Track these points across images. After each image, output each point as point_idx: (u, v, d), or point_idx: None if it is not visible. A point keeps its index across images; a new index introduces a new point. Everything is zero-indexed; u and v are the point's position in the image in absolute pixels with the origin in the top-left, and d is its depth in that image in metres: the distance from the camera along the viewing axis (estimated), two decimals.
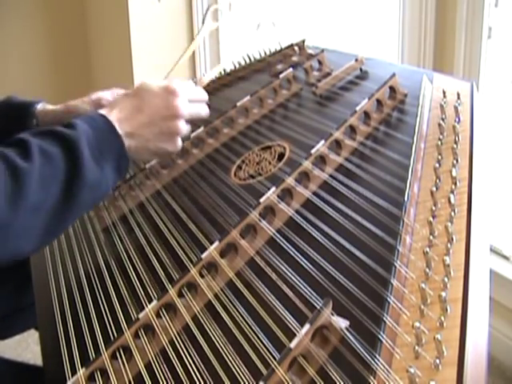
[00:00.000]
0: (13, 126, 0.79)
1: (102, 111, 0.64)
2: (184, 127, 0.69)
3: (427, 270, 0.50)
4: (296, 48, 1.08)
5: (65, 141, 0.58)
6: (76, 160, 0.57)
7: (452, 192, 0.58)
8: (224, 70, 1.17)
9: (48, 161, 0.56)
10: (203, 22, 0.95)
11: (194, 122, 0.79)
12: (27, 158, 0.55)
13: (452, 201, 0.56)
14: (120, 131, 0.63)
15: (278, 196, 0.64)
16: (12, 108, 0.81)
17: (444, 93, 0.77)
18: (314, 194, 0.66)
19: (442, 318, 0.45)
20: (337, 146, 0.71)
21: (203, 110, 0.75)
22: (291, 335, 0.47)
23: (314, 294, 0.52)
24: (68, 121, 0.62)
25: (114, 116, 0.64)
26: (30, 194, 0.54)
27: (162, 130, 0.67)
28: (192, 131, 0.87)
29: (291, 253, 0.58)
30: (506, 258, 1.32)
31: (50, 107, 0.81)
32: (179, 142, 0.70)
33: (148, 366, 0.52)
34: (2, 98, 0.84)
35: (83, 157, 0.58)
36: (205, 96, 0.76)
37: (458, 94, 0.75)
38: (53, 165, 0.56)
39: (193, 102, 0.72)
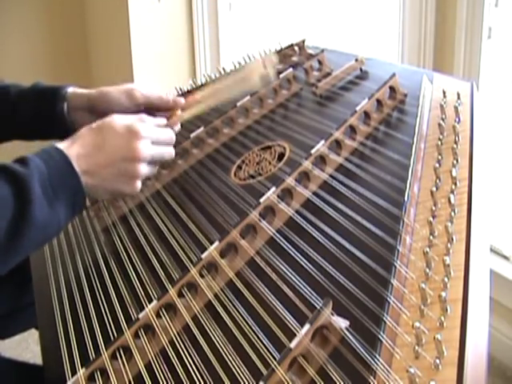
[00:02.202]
0: (41, 109, 0.78)
1: (61, 145, 0.62)
2: (144, 170, 0.66)
3: (427, 270, 0.50)
4: (296, 48, 1.08)
5: (15, 179, 0.56)
6: (25, 200, 0.55)
7: (452, 192, 0.58)
8: (224, 70, 1.17)
9: None
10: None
11: (192, 121, 0.77)
12: None
13: (452, 201, 0.56)
14: (77, 168, 0.60)
15: (278, 196, 0.64)
16: (42, 92, 0.80)
17: (444, 93, 0.77)
18: (314, 193, 0.66)
19: (442, 318, 0.45)
20: (337, 145, 0.71)
21: (167, 153, 0.70)
22: (291, 335, 0.47)
23: (314, 294, 0.52)
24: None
25: (73, 151, 0.61)
26: None
27: (121, 171, 0.64)
28: (192, 131, 0.87)
29: (291, 253, 0.58)
30: (506, 258, 1.32)
31: (81, 91, 0.80)
32: (138, 185, 0.66)
33: (148, 366, 0.52)
34: (27, 84, 0.83)
35: (33, 197, 0.55)
36: (171, 138, 0.71)
37: (458, 94, 0.75)
38: (0, 204, 0.54)
39: (157, 144, 0.68)
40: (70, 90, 0.79)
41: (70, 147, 0.62)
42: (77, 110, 0.78)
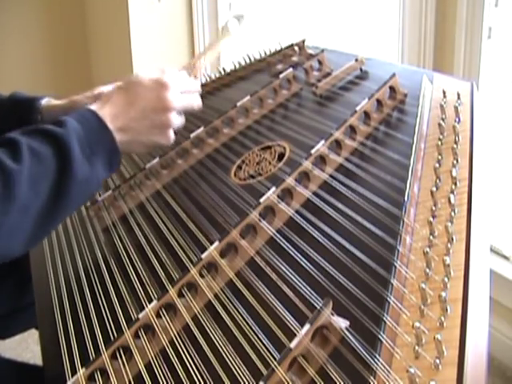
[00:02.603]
0: (18, 122, 0.79)
1: (93, 106, 0.64)
2: (176, 120, 0.69)
3: (427, 269, 0.50)
4: (296, 48, 1.08)
5: (55, 139, 0.58)
6: (66, 158, 0.58)
7: (452, 192, 0.58)
8: (224, 70, 1.17)
9: (38, 161, 0.56)
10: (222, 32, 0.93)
11: (192, 121, 0.78)
12: (17, 158, 0.55)
13: (452, 201, 0.56)
14: (111, 126, 0.63)
15: (278, 196, 0.64)
16: (17, 104, 0.81)
17: (444, 93, 0.77)
18: (314, 194, 0.66)
19: (442, 318, 0.45)
20: (337, 145, 0.71)
21: (195, 102, 0.75)
22: (291, 335, 0.47)
23: (314, 294, 0.52)
24: (59, 118, 0.62)
25: (105, 111, 0.64)
26: (20, 196, 0.54)
27: (154, 123, 0.67)
28: (192, 131, 0.87)
29: (291, 253, 0.58)
30: (506, 257, 1.32)
31: (54, 102, 0.81)
32: (172, 135, 0.70)
33: (148, 366, 0.52)
34: (5, 94, 0.83)
35: (73, 155, 0.58)
36: (197, 87, 0.75)
37: (458, 94, 0.75)
38: (43, 164, 0.57)
39: (185, 94, 0.71)
40: (45, 101, 0.81)
41: (101, 108, 0.64)
42: (50, 122, 0.79)
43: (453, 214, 0.55)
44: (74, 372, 0.53)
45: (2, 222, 0.53)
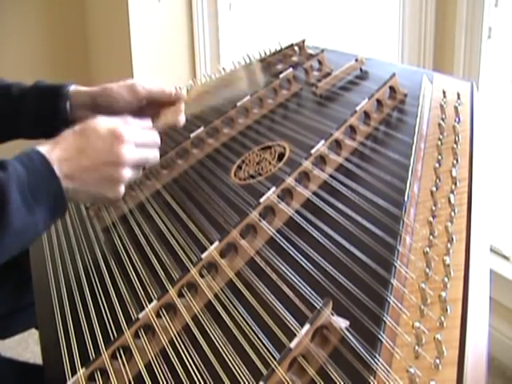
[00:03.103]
0: (44, 108, 0.78)
1: (43, 148, 0.61)
2: (128, 174, 0.64)
3: (427, 269, 0.50)
4: (296, 48, 1.08)
5: None
6: (3, 206, 0.54)
7: (452, 192, 0.58)
8: (224, 70, 1.17)
9: None
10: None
11: (193, 121, 0.77)
12: None
13: (452, 201, 0.56)
14: (58, 172, 0.59)
15: (278, 196, 0.64)
16: (44, 90, 0.80)
17: (444, 93, 0.77)
18: (314, 193, 0.66)
19: (442, 318, 0.45)
20: (337, 145, 0.71)
21: (152, 156, 0.69)
22: (291, 335, 0.47)
23: (314, 294, 0.52)
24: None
25: (54, 155, 0.60)
26: None
27: (103, 176, 0.62)
28: (192, 131, 0.87)
29: (291, 253, 0.58)
30: (506, 257, 1.32)
31: (83, 88, 0.80)
32: (121, 190, 0.65)
33: (148, 366, 0.52)
34: (28, 83, 0.83)
35: (11, 202, 0.54)
36: (155, 141, 0.69)
37: (458, 94, 0.75)
38: None
39: (141, 148, 0.66)
40: (72, 87, 0.79)
41: (51, 151, 0.60)
42: (80, 108, 0.78)
43: (453, 213, 0.55)
44: (74, 372, 0.53)
45: None
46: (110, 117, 0.66)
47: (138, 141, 0.66)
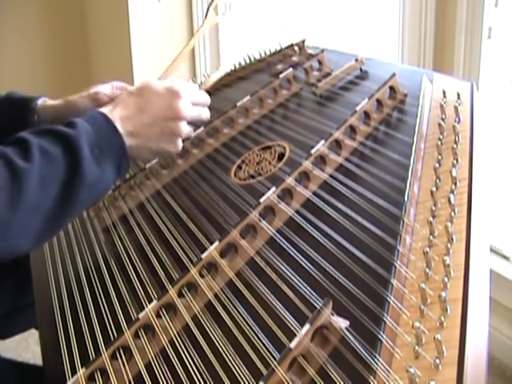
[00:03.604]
0: (14, 122, 0.79)
1: (105, 109, 0.65)
2: (185, 129, 0.70)
3: (427, 269, 0.50)
4: (296, 48, 1.08)
5: (65, 140, 0.58)
6: (76, 159, 0.58)
7: (452, 192, 0.58)
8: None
9: (48, 161, 0.57)
10: (206, 17, 0.94)
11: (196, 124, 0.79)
12: (27, 157, 0.56)
13: (452, 201, 0.56)
14: (121, 130, 0.63)
15: (278, 196, 0.64)
16: (13, 104, 0.81)
17: (444, 93, 0.77)
18: (314, 194, 0.66)
19: (442, 318, 0.45)
20: (337, 145, 0.71)
21: (205, 114, 0.76)
22: (291, 335, 0.47)
23: (314, 294, 0.52)
24: (69, 118, 0.62)
25: (116, 114, 0.64)
26: (29, 195, 0.54)
27: (164, 130, 0.67)
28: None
29: (291, 253, 0.58)
30: (506, 257, 1.32)
31: (50, 102, 0.81)
32: (180, 143, 0.70)
33: (148, 366, 0.52)
34: (1, 94, 0.83)
35: (83, 156, 0.58)
36: (207, 100, 0.76)
37: (458, 94, 0.75)
38: (53, 165, 0.57)
39: (195, 105, 0.72)
40: (40, 101, 0.80)
41: (112, 111, 0.65)
42: (45, 123, 0.79)
43: (453, 213, 0.55)
44: (74, 372, 0.53)
45: (11, 220, 0.53)
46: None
47: (193, 98, 0.72)
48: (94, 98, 0.79)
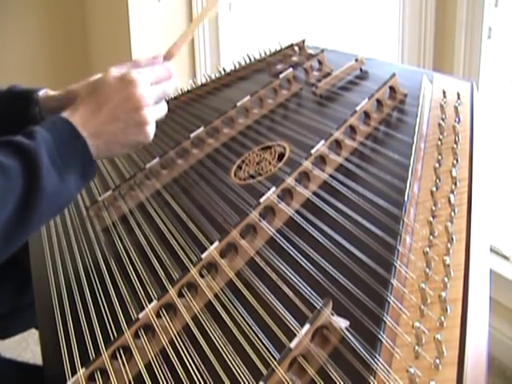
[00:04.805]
0: (16, 114, 0.78)
1: (66, 113, 0.62)
2: (151, 114, 0.65)
3: (427, 270, 0.50)
4: (296, 48, 1.08)
5: (23, 152, 0.56)
6: (34, 172, 0.55)
7: (452, 192, 0.58)
8: (224, 70, 1.17)
9: (4, 174, 0.54)
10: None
11: (192, 121, 0.77)
12: None
13: (452, 201, 0.56)
14: (84, 133, 0.60)
15: (278, 196, 0.64)
16: (14, 96, 0.80)
17: (444, 93, 0.77)
18: (314, 194, 0.66)
19: (442, 318, 0.45)
20: (337, 145, 0.71)
21: (170, 88, 0.70)
22: (291, 335, 0.47)
23: (314, 294, 0.52)
24: (28, 128, 0.59)
25: (77, 117, 0.62)
26: None
27: (128, 123, 0.64)
28: (192, 131, 0.87)
29: (291, 253, 0.58)
30: (506, 257, 1.32)
31: (51, 93, 0.80)
32: (150, 131, 0.65)
33: (148, 366, 0.52)
34: (4, 87, 0.83)
35: (42, 168, 0.56)
36: (170, 71, 0.70)
37: (458, 94, 0.75)
38: (9, 179, 0.54)
39: (157, 84, 0.68)
40: (42, 93, 0.79)
41: (72, 114, 0.62)
42: (48, 113, 0.78)
43: (453, 213, 0.55)
44: (74, 372, 0.53)
45: None
46: (118, 67, 0.67)
47: (152, 78, 0.67)
48: (94, 86, 0.78)
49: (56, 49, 2.29)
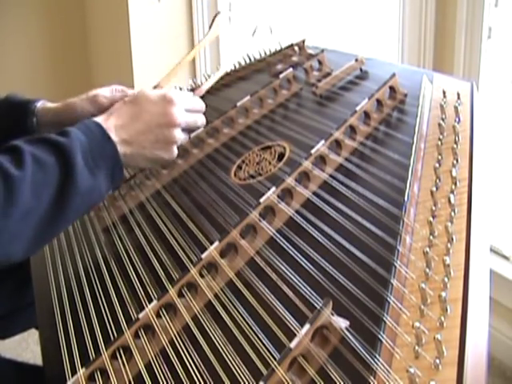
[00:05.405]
0: (13, 124, 0.79)
1: (99, 118, 0.65)
2: (180, 136, 0.70)
3: (427, 270, 0.50)
4: (296, 48, 1.08)
5: (58, 149, 0.58)
6: (69, 168, 0.58)
7: (452, 192, 0.58)
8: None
9: (41, 169, 0.57)
10: (210, 27, 0.95)
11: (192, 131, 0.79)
12: (20, 165, 0.55)
13: (452, 201, 0.56)
14: (115, 138, 0.63)
15: (278, 196, 0.64)
16: (12, 107, 0.81)
17: (444, 93, 0.77)
18: (314, 194, 0.66)
19: (442, 318, 0.45)
20: (337, 146, 0.71)
21: (200, 120, 0.76)
22: (291, 335, 0.47)
23: (314, 294, 0.52)
24: (67, 121, 0.62)
25: (110, 123, 0.64)
26: (22, 202, 0.54)
27: (158, 137, 0.67)
28: (192, 131, 0.87)
29: (291, 253, 0.58)
30: (506, 257, 1.32)
31: (49, 105, 0.81)
32: (175, 151, 0.70)
33: (148, 366, 0.52)
34: (1, 96, 0.83)
35: (76, 165, 0.58)
36: (202, 106, 0.76)
37: (458, 94, 0.75)
38: (46, 173, 0.57)
39: (190, 112, 0.73)
40: (40, 104, 0.80)
41: (106, 120, 0.65)
42: (45, 125, 0.79)
43: (453, 213, 0.55)
44: (74, 372, 0.53)
45: (4, 227, 0.53)
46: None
47: (187, 105, 0.72)
48: (93, 100, 0.79)
49: (56, 49, 2.29)
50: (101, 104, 0.78)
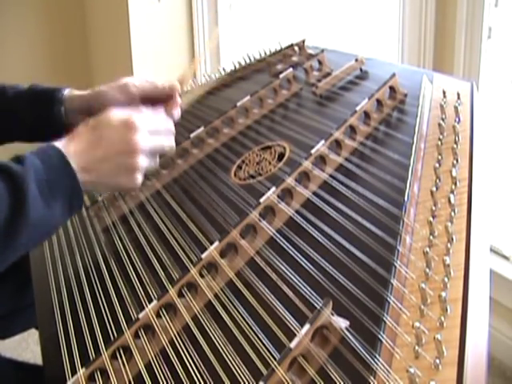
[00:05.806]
0: (39, 114, 0.78)
1: (59, 143, 0.61)
2: (144, 163, 0.64)
3: (427, 270, 0.50)
4: (296, 48, 1.08)
5: (10, 176, 0.55)
6: (20, 198, 0.54)
7: (452, 192, 0.58)
8: (224, 70, 1.17)
9: None
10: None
11: (192, 121, 0.78)
12: None
13: (452, 201, 0.56)
14: (75, 166, 0.60)
15: (278, 196, 0.64)
16: (37, 96, 0.79)
17: (444, 93, 0.77)
18: (314, 194, 0.66)
19: (442, 318, 0.45)
20: (337, 146, 0.71)
21: (167, 143, 0.68)
22: (291, 335, 0.47)
23: (314, 294, 0.52)
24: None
25: (70, 149, 0.61)
26: None
27: (119, 165, 0.63)
28: (192, 131, 0.87)
29: (291, 253, 0.58)
30: (506, 257, 1.32)
31: (77, 93, 0.80)
32: (138, 178, 0.64)
33: (148, 366, 0.52)
34: (24, 85, 0.82)
35: (29, 195, 0.55)
36: (170, 127, 0.70)
37: (458, 94, 0.75)
38: None
39: (155, 135, 0.66)
40: (67, 92, 0.79)
41: (67, 145, 0.61)
42: (74, 113, 0.78)
43: (453, 213, 0.55)
44: (74, 372, 0.53)
45: None
46: (122, 108, 0.66)
47: (152, 128, 0.65)
48: (123, 89, 0.77)
49: (56, 48, 2.29)
50: (131, 92, 0.76)
